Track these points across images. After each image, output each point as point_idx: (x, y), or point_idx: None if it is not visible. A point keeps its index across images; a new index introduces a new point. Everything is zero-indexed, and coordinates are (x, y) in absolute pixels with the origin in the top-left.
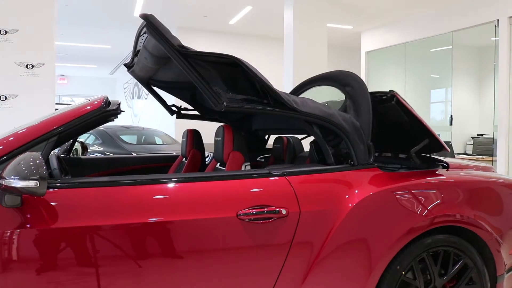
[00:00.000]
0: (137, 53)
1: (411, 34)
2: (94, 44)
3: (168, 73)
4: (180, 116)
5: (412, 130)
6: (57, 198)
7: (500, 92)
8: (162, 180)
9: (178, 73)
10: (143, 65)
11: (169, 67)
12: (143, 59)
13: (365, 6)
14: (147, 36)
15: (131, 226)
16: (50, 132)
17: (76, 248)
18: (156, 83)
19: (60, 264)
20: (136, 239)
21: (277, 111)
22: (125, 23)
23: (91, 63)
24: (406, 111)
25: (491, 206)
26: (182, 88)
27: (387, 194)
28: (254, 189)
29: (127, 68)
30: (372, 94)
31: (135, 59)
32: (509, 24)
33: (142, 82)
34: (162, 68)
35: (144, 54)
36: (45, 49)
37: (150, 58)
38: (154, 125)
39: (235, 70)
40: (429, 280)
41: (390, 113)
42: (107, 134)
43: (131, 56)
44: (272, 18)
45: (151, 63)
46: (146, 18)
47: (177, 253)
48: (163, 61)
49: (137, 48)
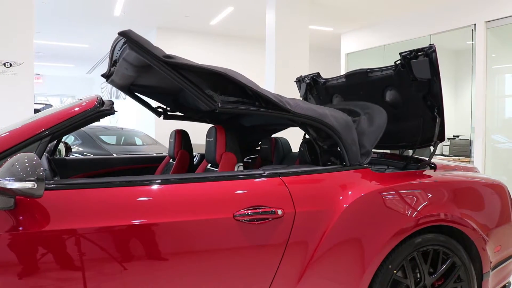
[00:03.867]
0: (114, 63)
1: (390, 36)
2: (72, 43)
3: (151, 78)
4: (167, 117)
5: (426, 114)
6: (53, 200)
7: (477, 95)
8: (159, 181)
9: (161, 78)
10: (122, 74)
11: (151, 73)
12: (122, 69)
13: (346, 8)
14: (124, 48)
15: (128, 227)
16: (43, 132)
17: (74, 250)
18: (137, 89)
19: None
20: (135, 240)
21: (270, 112)
22: (105, 22)
23: (68, 62)
24: (435, 75)
25: (478, 206)
26: (164, 92)
27: (379, 195)
28: (250, 190)
29: (106, 78)
30: (403, 53)
31: (112, 68)
32: (485, 28)
33: (123, 90)
34: (143, 75)
35: (124, 65)
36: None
37: (131, 68)
38: (134, 125)
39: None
40: (419, 278)
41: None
42: (87, 134)
43: (108, 66)
44: (254, 19)
45: (132, 72)
46: (125, 34)
47: (175, 254)
48: (145, 69)
49: (113, 59)
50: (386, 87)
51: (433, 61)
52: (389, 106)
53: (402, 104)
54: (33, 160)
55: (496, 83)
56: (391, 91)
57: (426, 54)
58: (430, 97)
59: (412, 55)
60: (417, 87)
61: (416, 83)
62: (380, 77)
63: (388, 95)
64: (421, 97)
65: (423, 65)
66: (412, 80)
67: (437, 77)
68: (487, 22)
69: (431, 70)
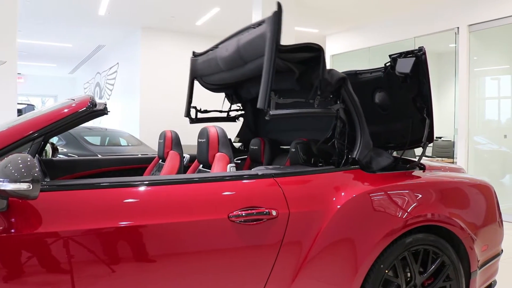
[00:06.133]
0: (216, 46)
1: (375, 38)
2: (55, 42)
3: (225, 76)
4: (193, 121)
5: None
6: (46, 201)
7: (460, 97)
8: (154, 183)
9: (236, 76)
10: (210, 61)
11: (232, 71)
12: (221, 55)
13: (331, 10)
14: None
15: (123, 228)
16: (35, 132)
17: (67, 253)
18: (203, 82)
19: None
20: (131, 241)
21: (319, 112)
22: (89, 21)
23: (51, 62)
24: (425, 77)
25: (466, 206)
26: (225, 87)
27: (371, 196)
28: (244, 191)
29: (194, 55)
30: (393, 55)
31: (209, 52)
32: (468, 32)
33: (193, 75)
34: (221, 72)
35: (228, 51)
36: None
37: (227, 59)
38: (117, 126)
39: None
40: (409, 278)
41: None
42: (71, 135)
43: (210, 48)
44: (240, 20)
45: (222, 64)
46: (280, 6)
47: (171, 255)
48: (232, 65)
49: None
50: (376, 88)
51: (423, 63)
52: (379, 108)
53: (392, 105)
54: (27, 160)
55: (477, 86)
56: (380, 92)
57: (416, 56)
58: (420, 99)
59: (402, 57)
60: (407, 89)
61: (405, 84)
62: (369, 79)
63: (377, 96)
64: (410, 99)
65: (406, 62)
66: (401, 82)
67: (426, 78)
68: (470, 26)
69: (413, 67)
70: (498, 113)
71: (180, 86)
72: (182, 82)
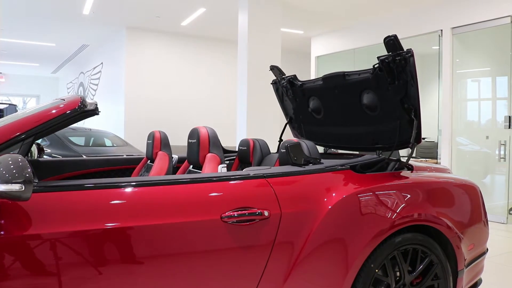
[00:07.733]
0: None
1: (360, 40)
2: (38, 41)
3: None
4: None
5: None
6: (37, 202)
7: (444, 98)
8: (146, 183)
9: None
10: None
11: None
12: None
13: (316, 11)
14: None
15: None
16: (25, 133)
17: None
18: None
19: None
20: (123, 242)
21: None
22: (73, 20)
23: (33, 61)
24: (413, 79)
25: (453, 205)
26: None
27: (362, 196)
28: (236, 192)
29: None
30: (381, 57)
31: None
32: (451, 34)
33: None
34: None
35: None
36: None
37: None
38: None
39: None
40: (398, 277)
41: (387, 94)
42: (55, 135)
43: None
44: (225, 21)
45: None
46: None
47: (164, 256)
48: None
49: None
50: (364, 90)
51: (411, 65)
52: (366, 109)
53: (380, 106)
54: (18, 161)
55: (459, 87)
56: (368, 94)
57: (404, 58)
58: (407, 100)
59: (390, 59)
60: (395, 90)
61: (393, 86)
62: (357, 80)
63: (365, 98)
64: (398, 100)
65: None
66: (389, 83)
67: (414, 80)
68: (453, 29)
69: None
70: (479, 114)
71: (165, 86)
72: (166, 82)
